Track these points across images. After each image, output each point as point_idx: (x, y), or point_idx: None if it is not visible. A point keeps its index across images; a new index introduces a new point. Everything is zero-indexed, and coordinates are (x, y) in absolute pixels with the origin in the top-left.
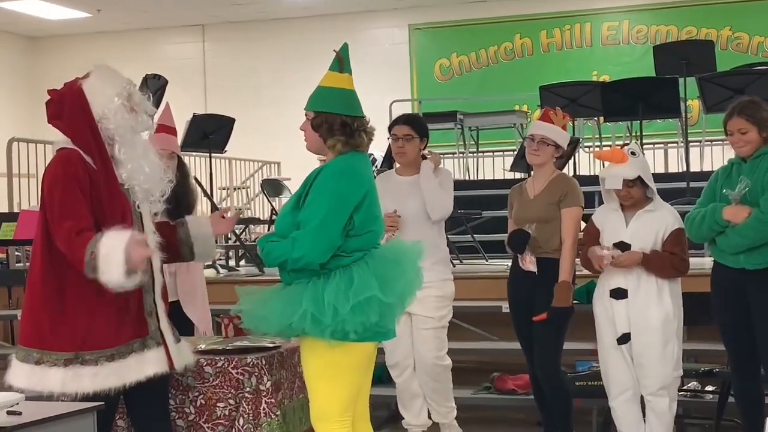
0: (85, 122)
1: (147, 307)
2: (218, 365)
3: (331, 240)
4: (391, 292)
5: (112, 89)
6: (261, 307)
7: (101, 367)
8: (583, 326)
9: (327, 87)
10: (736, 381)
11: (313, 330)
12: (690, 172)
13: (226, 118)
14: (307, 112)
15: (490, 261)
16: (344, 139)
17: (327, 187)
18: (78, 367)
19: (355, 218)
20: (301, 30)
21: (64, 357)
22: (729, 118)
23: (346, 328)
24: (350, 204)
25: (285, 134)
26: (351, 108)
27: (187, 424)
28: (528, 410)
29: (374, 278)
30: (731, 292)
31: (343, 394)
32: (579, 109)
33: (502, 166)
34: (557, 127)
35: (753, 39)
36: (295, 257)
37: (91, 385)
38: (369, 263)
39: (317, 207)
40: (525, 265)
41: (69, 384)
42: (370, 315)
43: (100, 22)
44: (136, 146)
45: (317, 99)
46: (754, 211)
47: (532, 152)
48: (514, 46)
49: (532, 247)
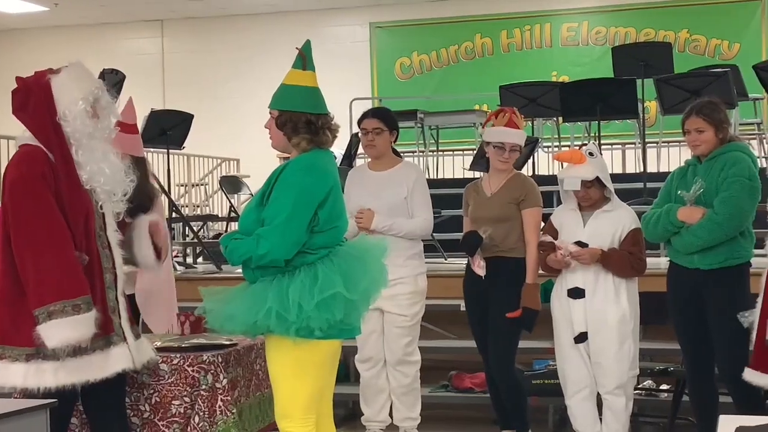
0: (48, 119)
1: (110, 303)
2: (174, 363)
3: (296, 236)
4: (356, 289)
5: (78, 92)
6: (225, 305)
7: (64, 362)
8: (540, 325)
9: (290, 85)
10: (691, 380)
11: (278, 327)
12: (647, 173)
13: (185, 114)
14: (272, 111)
15: (449, 260)
16: (309, 137)
17: (292, 184)
18: (40, 362)
19: (320, 214)
20: (261, 26)
21: (26, 352)
22: (687, 117)
23: (311, 326)
24: (315, 200)
25: (244, 131)
26: (315, 106)
27: (142, 421)
28: (485, 408)
29: (339, 275)
30: (686, 292)
31: (307, 392)
32: (538, 109)
33: (461, 165)
34: (522, 132)
35: (710, 41)
36: (259, 254)
37: (53, 380)
38: (334, 260)
39: (282, 203)
40: (474, 268)
41: (30, 378)
42: (335, 312)
43: (58, 16)
44: (94, 150)
45: (281, 97)
46: (708, 212)
47: (503, 160)
48: (474, 46)
49: (488, 247)
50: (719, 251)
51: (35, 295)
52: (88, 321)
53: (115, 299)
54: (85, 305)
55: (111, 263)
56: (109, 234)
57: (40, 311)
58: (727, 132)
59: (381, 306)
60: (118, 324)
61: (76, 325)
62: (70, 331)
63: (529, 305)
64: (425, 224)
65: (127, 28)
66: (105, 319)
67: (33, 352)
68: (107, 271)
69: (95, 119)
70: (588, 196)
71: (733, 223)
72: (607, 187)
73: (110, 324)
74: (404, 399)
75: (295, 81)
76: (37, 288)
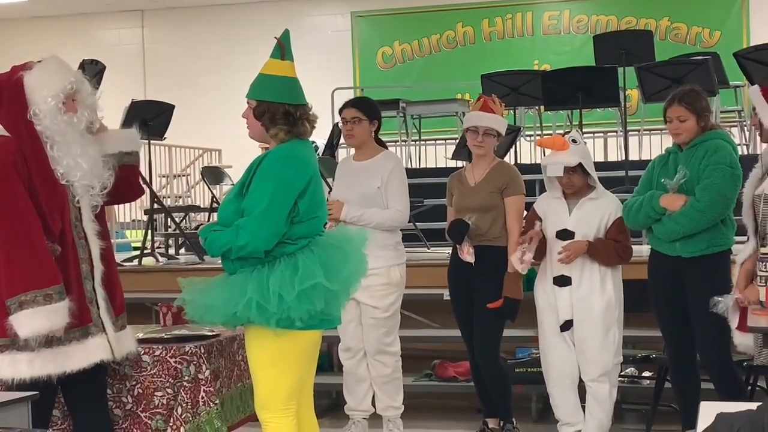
0: (20, 116)
1: (87, 294)
2: (156, 354)
3: (275, 226)
4: (336, 279)
5: (48, 89)
6: (205, 296)
7: (38, 353)
8: (523, 313)
9: (268, 75)
10: (673, 367)
11: (258, 318)
12: (629, 161)
13: (166, 105)
14: (249, 101)
15: (431, 249)
16: (287, 128)
17: (271, 174)
18: (14, 352)
19: (300, 205)
20: (242, 16)
21: (1, 342)
22: (669, 105)
23: (291, 316)
24: (295, 190)
25: (225, 121)
26: (293, 96)
27: (124, 413)
28: (469, 397)
29: (319, 265)
30: (667, 279)
31: (287, 383)
32: (520, 98)
33: (444, 154)
34: (497, 116)
35: (691, 29)
36: (239, 245)
37: (28, 371)
38: (314, 250)
39: (261, 194)
40: (463, 255)
41: (5, 369)
42: (315, 302)
43: (37, 6)
44: (71, 145)
45: (259, 87)
46: (690, 199)
47: (477, 144)
48: (456, 35)
49: (473, 236)
50: (701, 239)
51: (6, 285)
52: (61, 310)
53: (92, 290)
54: (56, 295)
55: (88, 254)
56: (86, 224)
57: (12, 301)
58: (708, 120)
59: (357, 297)
60: (97, 314)
61: (48, 315)
62: (42, 320)
63: (510, 294)
64: (397, 215)
65: (107, 18)
66: (82, 309)
67: (8, 343)
68: (83, 262)
69: (71, 113)
70: (571, 183)
71: (715, 210)
72: (590, 175)
73: (87, 314)
74: (385, 388)
75: (273, 71)
76: (8, 278)
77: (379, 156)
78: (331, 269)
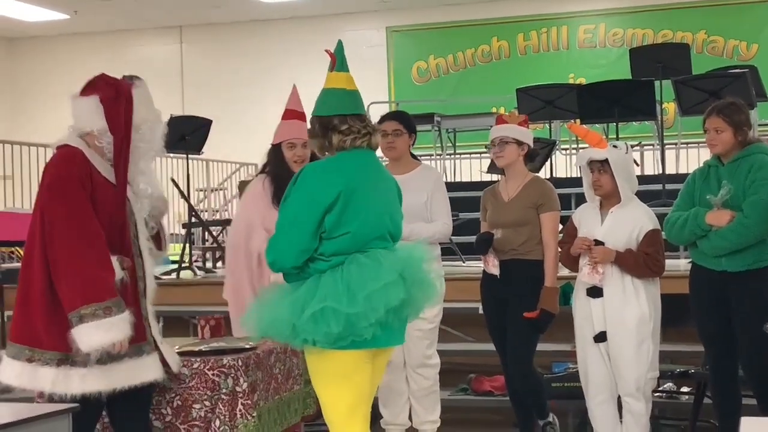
0: (129, 121)
1: (143, 312)
2: (194, 366)
3: (300, 243)
4: (355, 302)
5: (147, 108)
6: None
7: (91, 369)
8: (560, 328)
9: (324, 88)
10: (714, 382)
11: (290, 337)
12: (666, 174)
13: (203, 120)
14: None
15: (467, 262)
16: (340, 137)
17: (298, 188)
18: (68, 368)
19: (327, 220)
20: (279, 32)
21: (57, 357)
22: (708, 116)
23: (307, 338)
24: (319, 205)
25: (262, 136)
26: (343, 107)
27: (163, 425)
28: (505, 411)
29: (340, 286)
30: (712, 294)
31: (344, 400)
32: (555, 112)
33: (479, 168)
34: (513, 125)
35: (728, 42)
36: (269, 261)
37: (79, 387)
38: (344, 269)
39: (288, 210)
40: (488, 267)
41: (59, 384)
42: (330, 325)
43: (78, 23)
44: (148, 165)
45: (317, 102)
46: (738, 215)
47: (497, 155)
48: (491, 49)
49: (503, 249)
50: (747, 254)
51: (66, 298)
52: (121, 323)
53: (145, 307)
54: (115, 307)
55: (143, 272)
56: (141, 242)
57: (73, 315)
58: (746, 134)
59: None
60: (150, 333)
61: (109, 328)
62: (103, 334)
63: (547, 307)
64: (445, 228)
65: (146, 34)
66: (138, 327)
67: (63, 357)
68: (140, 280)
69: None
70: (599, 182)
71: (763, 226)
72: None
73: (143, 332)
74: (424, 402)
75: (329, 84)
76: (68, 291)
77: (418, 169)
78: (351, 290)
